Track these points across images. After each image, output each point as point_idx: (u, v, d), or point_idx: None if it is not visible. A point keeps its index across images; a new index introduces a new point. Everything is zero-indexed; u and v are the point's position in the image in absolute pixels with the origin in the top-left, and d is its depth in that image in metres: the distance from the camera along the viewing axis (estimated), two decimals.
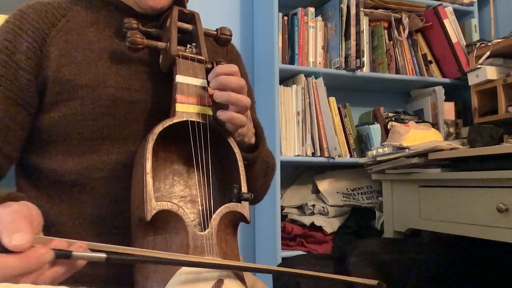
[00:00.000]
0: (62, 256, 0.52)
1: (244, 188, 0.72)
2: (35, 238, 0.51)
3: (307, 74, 1.90)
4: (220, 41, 0.89)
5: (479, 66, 1.73)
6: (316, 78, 1.90)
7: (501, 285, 1.45)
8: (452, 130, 2.06)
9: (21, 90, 0.78)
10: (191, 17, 0.87)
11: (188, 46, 0.82)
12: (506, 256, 1.47)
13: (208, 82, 0.77)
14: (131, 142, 0.79)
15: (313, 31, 1.95)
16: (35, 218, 0.55)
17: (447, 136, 2.03)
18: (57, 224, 0.77)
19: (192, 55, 0.81)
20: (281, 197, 1.96)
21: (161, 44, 0.81)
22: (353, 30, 1.92)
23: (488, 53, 1.72)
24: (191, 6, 0.96)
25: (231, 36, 0.89)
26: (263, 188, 0.99)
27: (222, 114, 0.75)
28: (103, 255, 0.53)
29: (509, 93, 1.66)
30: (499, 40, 1.73)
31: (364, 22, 2.00)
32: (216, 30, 0.88)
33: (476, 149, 1.37)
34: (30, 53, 0.79)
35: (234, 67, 0.77)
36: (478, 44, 1.81)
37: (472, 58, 1.79)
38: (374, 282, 0.69)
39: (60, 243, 0.54)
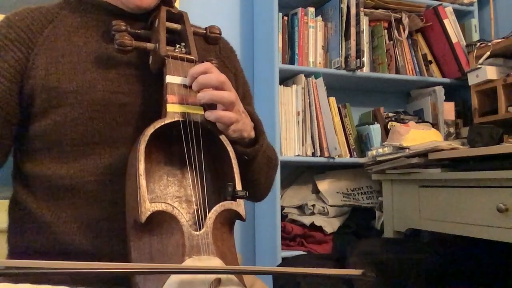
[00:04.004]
0: None
1: (238, 186, 0.72)
2: None
3: (307, 74, 1.90)
4: (209, 39, 0.89)
5: (479, 66, 1.72)
6: (316, 78, 1.89)
7: (501, 285, 1.45)
8: (452, 130, 2.06)
9: None
10: (179, 17, 0.87)
11: (177, 46, 0.82)
12: (506, 256, 1.47)
13: None
14: (123, 145, 0.79)
15: (313, 31, 1.95)
16: None
17: (447, 136, 2.03)
18: (53, 227, 0.78)
19: (182, 55, 0.80)
20: (281, 197, 1.96)
21: (150, 45, 0.81)
22: (353, 30, 1.91)
23: (488, 53, 1.71)
24: (191, 6, 0.96)
25: (220, 33, 0.89)
26: (267, 183, 0.99)
27: (210, 115, 0.75)
28: None
29: (509, 93, 1.66)
30: (499, 40, 1.72)
31: (364, 22, 2.00)
32: (205, 28, 0.89)
33: (476, 149, 1.37)
34: (14, 62, 0.80)
35: (207, 65, 0.77)
36: (478, 44, 1.80)
37: (472, 58, 1.79)
38: (358, 272, 0.68)
39: None
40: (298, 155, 1.84)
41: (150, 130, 0.70)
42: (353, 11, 1.92)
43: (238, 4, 2.10)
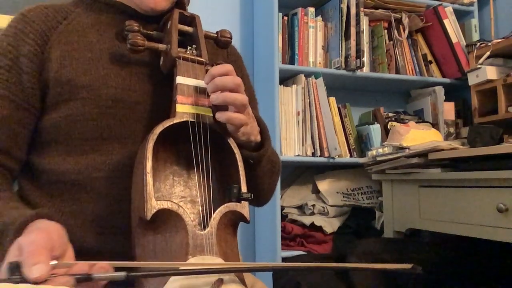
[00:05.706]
0: (83, 280, 0.54)
1: (244, 188, 0.73)
2: (57, 265, 0.53)
3: (307, 74, 1.90)
4: (220, 43, 0.90)
5: (479, 66, 1.73)
6: (316, 78, 1.90)
7: (501, 285, 1.45)
8: (452, 130, 2.06)
9: (25, 94, 0.80)
10: (192, 20, 0.87)
11: (189, 48, 0.83)
12: (506, 256, 1.47)
13: None
14: (132, 142, 0.80)
15: (313, 31, 1.95)
16: (56, 240, 0.57)
17: (447, 136, 2.03)
18: (58, 222, 0.77)
19: (193, 57, 0.81)
20: (281, 197, 1.96)
21: (161, 46, 0.82)
22: (353, 30, 1.92)
23: (488, 53, 1.72)
24: (191, 6, 0.96)
25: (231, 38, 0.90)
26: (270, 188, 0.99)
27: (220, 116, 0.75)
28: (123, 273, 0.55)
29: (509, 93, 1.66)
30: (499, 40, 1.73)
31: (364, 22, 2.00)
32: (217, 32, 0.89)
33: (476, 149, 1.37)
34: (32, 56, 0.80)
35: (228, 66, 0.78)
36: (478, 44, 1.81)
37: (472, 58, 1.79)
38: (408, 266, 0.68)
39: (82, 266, 0.56)
40: (298, 155, 1.84)
41: (159, 128, 0.71)
42: (353, 11, 1.93)
43: (238, 4, 2.10)
